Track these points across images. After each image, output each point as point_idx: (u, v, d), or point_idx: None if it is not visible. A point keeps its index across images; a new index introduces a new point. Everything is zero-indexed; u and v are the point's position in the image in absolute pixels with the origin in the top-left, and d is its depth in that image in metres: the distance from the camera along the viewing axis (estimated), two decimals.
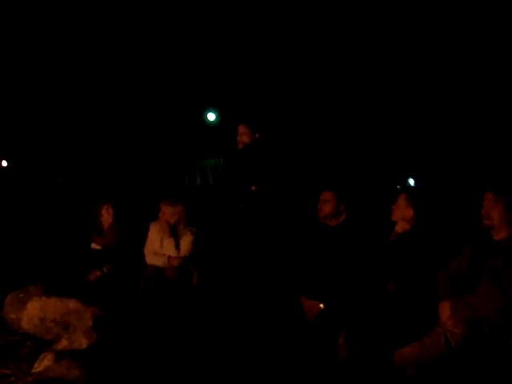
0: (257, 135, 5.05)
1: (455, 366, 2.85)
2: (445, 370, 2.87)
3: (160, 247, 4.77)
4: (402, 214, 3.67)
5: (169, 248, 4.74)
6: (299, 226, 4.76)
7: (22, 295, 3.56)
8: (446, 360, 2.86)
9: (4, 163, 19.46)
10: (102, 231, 4.90)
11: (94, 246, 4.87)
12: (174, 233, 4.77)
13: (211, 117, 16.62)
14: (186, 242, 4.76)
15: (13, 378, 2.78)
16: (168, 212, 4.78)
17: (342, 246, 3.71)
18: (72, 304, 3.34)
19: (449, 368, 2.87)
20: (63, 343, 3.03)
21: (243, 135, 5.04)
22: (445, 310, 3.07)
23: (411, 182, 14.27)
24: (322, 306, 3.59)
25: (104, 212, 4.90)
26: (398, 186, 10.19)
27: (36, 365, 2.81)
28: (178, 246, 4.73)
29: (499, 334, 2.89)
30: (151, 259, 4.76)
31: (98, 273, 4.64)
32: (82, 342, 3.00)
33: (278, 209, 5.05)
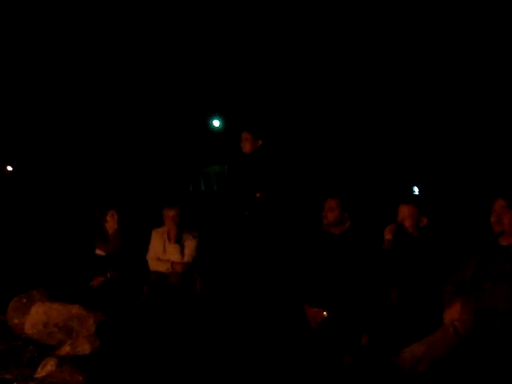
0: (259, 142, 5.06)
1: (465, 364, 2.81)
2: (455, 368, 2.83)
3: (163, 253, 4.76)
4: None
5: (172, 254, 4.73)
6: (303, 233, 4.75)
7: (25, 300, 3.56)
8: (457, 353, 2.82)
9: (9, 168, 19.56)
10: (107, 237, 4.91)
11: (98, 251, 4.87)
12: (177, 238, 4.76)
13: (216, 123, 16.69)
14: (189, 247, 4.75)
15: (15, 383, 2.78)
16: (168, 216, 4.78)
17: (345, 253, 3.71)
18: (75, 309, 3.34)
19: (459, 365, 2.82)
20: (66, 348, 3.02)
21: (245, 142, 5.05)
22: (455, 307, 3.02)
23: (416, 190, 14.25)
24: (325, 313, 3.59)
25: (109, 218, 4.91)
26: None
27: (38, 370, 2.81)
28: (181, 252, 4.72)
29: (509, 328, 2.86)
30: (154, 265, 4.75)
31: (102, 278, 4.65)
32: (85, 348, 2.99)
33: (283, 216, 5.04)
